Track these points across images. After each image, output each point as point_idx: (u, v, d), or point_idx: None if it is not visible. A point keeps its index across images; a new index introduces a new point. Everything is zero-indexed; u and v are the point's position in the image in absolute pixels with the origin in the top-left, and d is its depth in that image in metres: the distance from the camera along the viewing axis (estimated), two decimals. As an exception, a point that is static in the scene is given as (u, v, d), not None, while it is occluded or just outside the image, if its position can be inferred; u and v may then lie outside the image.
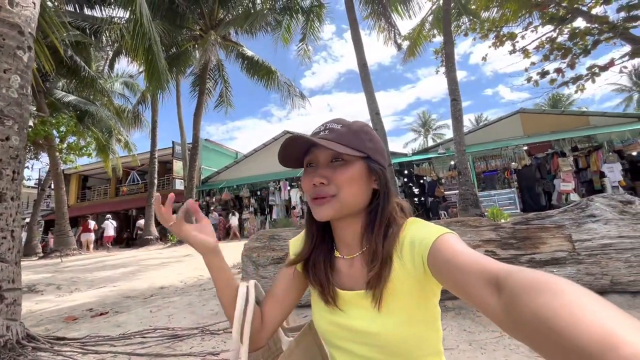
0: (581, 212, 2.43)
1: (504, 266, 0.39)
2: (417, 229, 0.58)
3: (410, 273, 0.55)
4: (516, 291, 0.33)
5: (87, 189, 21.81)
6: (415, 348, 0.56)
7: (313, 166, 0.63)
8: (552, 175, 11.94)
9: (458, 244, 0.49)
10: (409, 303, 0.56)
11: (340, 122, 0.63)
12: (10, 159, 1.68)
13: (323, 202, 0.59)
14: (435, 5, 10.55)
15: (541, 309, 0.29)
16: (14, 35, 1.76)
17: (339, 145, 0.58)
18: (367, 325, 0.58)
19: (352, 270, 0.63)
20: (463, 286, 0.43)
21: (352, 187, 0.59)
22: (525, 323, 0.30)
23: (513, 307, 0.33)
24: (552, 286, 0.30)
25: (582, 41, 7.45)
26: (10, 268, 1.62)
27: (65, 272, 6.50)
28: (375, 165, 0.62)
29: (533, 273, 0.34)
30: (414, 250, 0.54)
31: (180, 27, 10.91)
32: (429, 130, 37.53)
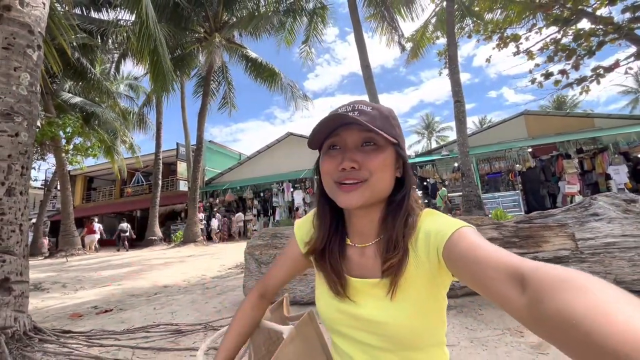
0: (584, 211, 2.43)
1: (528, 261, 0.38)
2: (433, 220, 0.56)
3: (423, 264, 0.54)
4: (540, 288, 0.32)
5: (92, 190, 22.01)
6: (421, 338, 0.57)
7: (338, 148, 0.59)
8: (556, 177, 11.86)
9: (477, 238, 0.48)
10: (420, 294, 0.56)
11: (368, 104, 0.60)
12: (20, 155, 1.72)
13: (354, 187, 0.56)
14: (438, 7, 10.57)
15: (568, 307, 0.28)
16: (24, 34, 1.81)
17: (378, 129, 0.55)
18: (376, 314, 0.57)
19: (363, 259, 0.61)
20: (482, 280, 0.42)
21: (384, 173, 0.57)
22: (551, 320, 0.30)
23: (537, 305, 0.32)
24: (580, 283, 0.30)
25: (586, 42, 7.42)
26: (19, 261, 1.66)
27: (71, 271, 6.56)
28: (403, 154, 0.61)
29: (559, 269, 0.33)
30: (429, 242, 0.53)
31: (185, 30, 11.02)
32: (432, 132, 37.45)
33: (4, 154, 1.65)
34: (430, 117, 38.28)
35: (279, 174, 15.56)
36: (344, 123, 0.58)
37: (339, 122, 0.58)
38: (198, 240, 10.99)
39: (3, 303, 1.52)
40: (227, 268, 5.94)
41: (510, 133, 13.49)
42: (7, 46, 1.74)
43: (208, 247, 10.72)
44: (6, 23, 1.75)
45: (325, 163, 0.60)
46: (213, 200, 16.11)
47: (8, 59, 1.74)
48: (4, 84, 1.71)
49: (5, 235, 1.60)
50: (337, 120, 0.57)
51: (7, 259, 1.59)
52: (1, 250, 1.57)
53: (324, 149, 0.62)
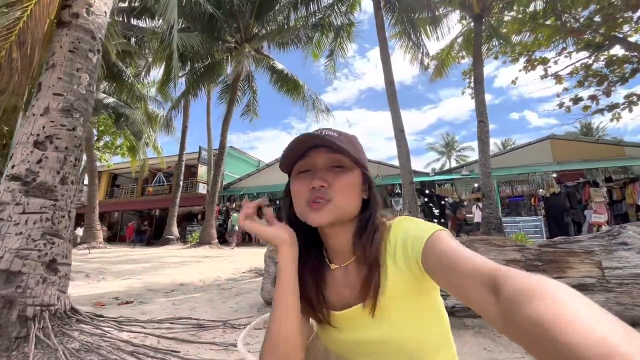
0: (612, 239, 2.37)
1: (500, 269, 0.39)
2: (408, 228, 0.57)
3: (405, 274, 0.55)
4: (513, 296, 0.33)
5: (115, 187, 22.86)
6: (424, 344, 0.57)
7: (307, 172, 0.62)
8: (582, 205, 11.44)
9: (451, 242, 0.49)
10: (410, 303, 0.56)
11: (334, 130, 0.63)
12: (74, 147, 1.88)
13: (322, 206, 0.58)
14: (465, 27, 10.62)
15: (538, 315, 0.29)
16: (87, 39, 2.00)
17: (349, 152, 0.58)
18: (370, 336, 0.58)
19: (349, 279, 0.62)
20: (459, 288, 0.43)
21: (351, 193, 0.60)
22: (522, 329, 0.31)
23: (510, 311, 0.33)
24: (550, 292, 0.31)
25: (619, 69, 7.26)
26: (65, 244, 1.79)
27: (93, 263, 6.82)
28: (369, 175, 0.64)
29: (531, 277, 0.34)
30: (407, 252, 0.54)
31: (217, 39, 11.52)
32: (452, 151, 36.95)
33: (61, 145, 1.81)
34: (451, 136, 37.87)
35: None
36: (314, 146, 0.61)
37: (309, 144, 0.61)
38: (213, 242, 11.19)
39: (50, 282, 1.65)
40: (241, 272, 6.03)
41: (534, 157, 13.17)
42: (72, 49, 1.93)
43: (223, 249, 10.89)
44: (74, 29, 1.95)
45: (296, 184, 0.62)
46: (230, 205, 16.40)
47: (72, 61, 1.92)
48: (67, 83, 1.89)
49: (56, 220, 1.75)
50: (309, 141, 0.60)
51: (56, 241, 1.73)
52: (52, 233, 1.71)
53: (293, 173, 0.64)
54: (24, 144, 1.73)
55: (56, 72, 1.86)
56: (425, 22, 9.81)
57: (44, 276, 1.60)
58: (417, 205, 7.34)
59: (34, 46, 1.85)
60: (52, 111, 1.80)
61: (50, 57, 1.90)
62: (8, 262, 1.50)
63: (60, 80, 1.85)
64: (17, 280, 1.50)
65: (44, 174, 1.71)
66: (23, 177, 1.66)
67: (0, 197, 1.63)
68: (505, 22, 9.90)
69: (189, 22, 10.86)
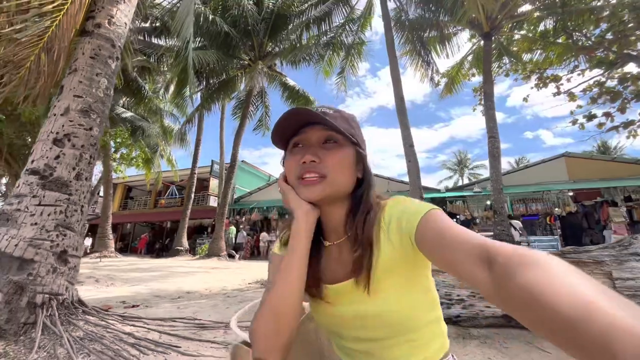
0: (623, 250, 2.30)
1: (492, 242, 0.41)
2: (403, 207, 0.58)
3: (399, 251, 0.56)
4: (505, 267, 0.35)
5: (129, 199, 23.35)
6: (416, 319, 0.58)
7: (301, 147, 0.63)
8: (601, 225, 11.04)
9: (444, 220, 0.50)
10: (401, 280, 0.57)
11: (330, 107, 0.64)
12: (90, 146, 1.99)
13: (315, 182, 0.59)
14: (475, 45, 10.75)
15: (528, 283, 0.31)
16: (108, 47, 2.15)
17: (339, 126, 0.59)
18: (362, 310, 0.59)
19: (342, 256, 0.63)
20: (452, 263, 0.44)
21: (343, 170, 0.60)
22: (513, 297, 0.33)
23: (503, 282, 0.35)
24: (540, 262, 0.33)
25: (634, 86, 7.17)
26: (76, 237, 1.87)
27: (103, 270, 6.94)
28: (363, 153, 0.64)
29: (521, 249, 0.37)
30: (401, 230, 0.55)
31: (232, 57, 11.97)
32: (464, 168, 36.53)
33: (78, 143, 1.92)
34: (463, 154, 37.54)
35: (306, 198, 15.72)
36: (309, 123, 0.62)
37: (304, 120, 0.61)
38: (222, 255, 11.22)
39: (59, 272, 1.71)
40: (248, 283, 6.02)
41: (549, 175, 12.90)
42: (93, 55, 2.08)
43: (231, 262, 10.90)
44: (95, 37, 2.11)
45: (290, 159, 0.63)
46: (239, 218, 16.50)
47: (92, 66, 2.07)
48: (87, 86, 2.02)
49: (69, 213, 1.83)
50: (303, 116, 0.60)
51: (68, 233, 1.80)
52: (64, 226, 1.79)
53: (289, 148, 0.65)
54: (43, 141, 1.85)
55: (77, 76, 2.00)
56: (435, 40, 9.99)
57: (54, 266, 1.67)
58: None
59: (60, 53, 2.00)
60: (72, 111, 1.92)
61: (73, 62, 2.05)
62: (22, 250, 1.58)
63: (81, 84, 1.99)
64: (29, 267, 1.57)
65: (60, 170, 1.81)
66: (41, 172, 1.77)
67: (19, 190, 1.74)
68: (516, 41, 9.98)
69: (205, 40, 11.36)
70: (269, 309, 0.56)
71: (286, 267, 0.59)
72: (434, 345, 0.61)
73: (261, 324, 0.56)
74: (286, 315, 0.56)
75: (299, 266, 0.59)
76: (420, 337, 0.59)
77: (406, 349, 0.59)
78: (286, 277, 0.58)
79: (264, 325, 0.56)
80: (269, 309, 0.56)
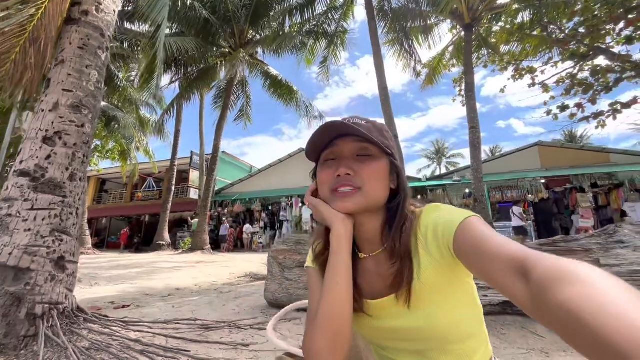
0: (609, 238, 2.45)
1: (531, 253, 0.39)
2: (439, 216, 0.57)
3: (438, 261, 0.55)
4: (543, 280, 0.33)
5: (103, 192, 22.37)
6: (459, 330, 0.58)
7: (334, 160, 0.62)
8: (570, 210, 11.74)
9: (482, 229, 0.48)
10: (444, 291, 0.56)
11: (362, 118, 0.64)
12: (83, 144, 1.86)
13: (350, 194, 0.58)
14: (456, 36, 10.91)
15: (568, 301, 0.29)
16: (96, 36, 1.99)
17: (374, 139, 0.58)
18: (405, 324, 0.58)
19: (380, 269, 0.61)
20: (489, 274, 0.43)
21: (378, 182, 0.59)
22: (552, 313, 0.31)
23: (540, 297, 0.33)
24: (581, 276, 0.30)
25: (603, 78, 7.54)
26: (73, 242, 1.76)
27: (83, 268, 6.63)
28: (397, 164, 0.62)
29: (561, 261, 0.34)
30: (439, 239, 0.54)
31: (212, 45, 11.52)
32: (442, 157, 37.52)
33: (70, 141, 1.79)
34: (441, 143, 38.48)
35: (289, 189, 15.69)
36: (341, 135, 0.61)
37: (337, 132, 0.61)
38: (206, 248, 11.03)
39: (58, 280, 1.61)
40: (237, 277, 5.96)
41: (523, 163, 13.49)
42: (82, 46, 1.92)
43: (215, 255, 10.74)
44: (83, 26, 1.94)
45: (323, 173, 0.62)
46: (221, 210, 16.23)
47: (82, 58, 1.91)
48: (77, 79, 1.87)
49: (65, 217, 1.71)
50: (336, 129, 0.60)
51: (65, 238, 1.69)
52: (60, 230, 1.68)
53: (321, 161, 0.65)
54: (32, 139, 1.70)
55: (65, 68, 1.84)
56: (418, 30, 10.04)
57: (52, 274, 1.57)
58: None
59: (47, 43, 1.83)
60: (61, 107, 1.78)
61: (59, 53, 1.88)
62: (17, 259, 1.47)
63: (70, 77, 1.84)
64: (26, 277, 1.47)
65: (52, 170, 1.68)
66: (32, 173, 1.63)
67: (9, 193, 1.60)
68: (495, 32, 10.22)
69: (183, 26, 10.85)
70: (322, 327, 0.54)
71: (332, 280, 0.57)
72: (479, 353, 0.61)
73: (316, 343, 0.54)
74: (341, 333, 0.54)
75: (347, 278, 0.57)
76: (466, 347, 0.59)
77: (450, 359, 0.59)
78: (334, 291, 0.56)
79: (319, 344, 0.54)
80: (322, 327, 0.54)
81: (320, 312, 0.56)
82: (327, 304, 0.55)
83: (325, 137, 0.62)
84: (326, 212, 0.61)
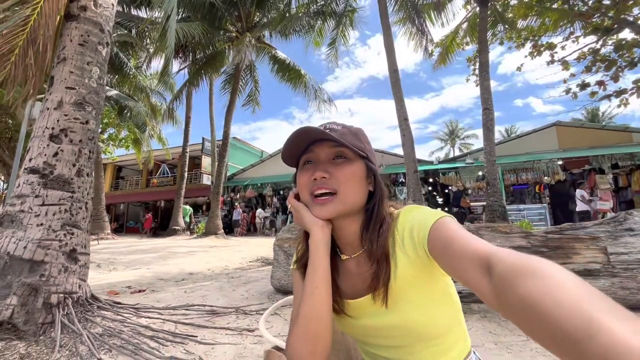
0: (618, 225, 2.40)
1: (495, 250, 0.41)
2: (414, 217, 0.58)
3: (414, 262, 0.56)
4: (505, 275, 0.35)
5: (120, 179, 23.05)
6: (438, 326, 0.59)
7: (312, 163, 0.64)
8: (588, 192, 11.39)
9: (453, 228, 0.50)
10: (420, 289, 0.58)
11: (338, 124, 0.66)
12: (88, 140, 1.92)
13: (327, 200, 0.60)
14: (470, 12, 10.42)
15: (527, 294, 0.30)
16: (96, 32, 2.01)
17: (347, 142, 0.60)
18: (385, 322, 0.60)
19: (360, 269, 0.63)
20: (458, 271, 0.44)
21: (353, 185, 0.60)
22: (513, 306, 0.32)
23: (502, 291, 0.34)
24: (539, 271, 0.32)
25: (628, 53, 7.12)
26: (83, 235, 1.85)
27: (102, 253, 6.95)
28: (373, 167, 0.64)
29: (522, 257, 0.35)
30: (414, 239, 0.56)
31: (218, 29, 11.39)
32: (455, 139, 36.69)
33: (76, 138, 1.85)
34: (455, 124, 37.53)
35: (300, 173, 15.73)
36: (317, 140, 0.63)
37: (312, 138, 0.63)
38: (219, 233, 11.33)
39: (71, 270, 1.71)
40: (248, 261, 6.13)
41: (539, 144, 13.07)
42: (82, 42, 1.95)
43: (228, 240, 11.03)
44: (82, 22, 1.96)
45: (301, 177, 0.64)
46: (234, 196, 16.52)
47: (82, 54, 1.94)
48: (79, 76, 1.91)
49: (74, 211, 1.80)
50: (310, 135, 0.61)
51: (75, 232, 1.78)
52: (71, 224, 1.77)
53: (300, 165, 0.66)
54: (39, 137, 1.77)
55: (67, 66, 1.88)
56: (430, 7, 9.64)
57: (65, 265, 1.66)
58: (421, 194, 7.34)
59: (46, 42, 1.87)
60: (66, 105, 1.83)
61: (60, 50, 1.92)
62: (31, 252, 1.56)
63: (72, 74, 1.88)
64: (41, 269, 1.57)
65: (60, 167, 1.76)
66: (41, 170, 1.71)
67: (20, 190, 1.68)
68: (512, 7, 9.70)
69: (189, 11, 10.74)
70: (302, 329, 0.56)
71: (311, 284, 0.59)
72: (458, 347, 0.63)
73: (296, 345, 0.56)
74: (320, 335, 0.57)
75: (326, 282, 0.59)
76: (444, 342, 0.61)
77: (431, 353, 0.61)
78: (314, 294, 0.58)
79: (300, 346, 0.56)
80: (302, 329, 0.56)
81: (300, 314, 0.58)
82: (307, 307, 0.58)
83: (301, 142, 0.64)
84: (306, 217, 0.63)
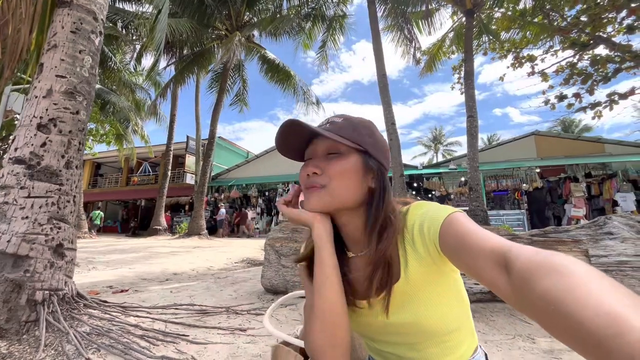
0: (599, 229, 2.51)
1: (513, 246, 0.39)
2: (424, 213, 0.56)
3: (425, 259, 0.55)
4: (524, 272, 0.34)
5: (99, 176, 22.24)
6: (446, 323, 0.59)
7: (310, 159, 0.63)
8: (563, 199, 11.90)
9: (466, 224, 0.49)
10: (431, 287, 0.57)
11: (342, 116, 0.63)
12: (78, 131, 1.84)
13: (312, 191, 0.59)
14: (457, 23, 10.73)
15: (548, 291, 0.29)
16: (89, 20, 1.94)
17: (335, 135, 0.58)
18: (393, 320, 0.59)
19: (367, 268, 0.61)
20: (474, 268, 0.43)
21: (344, 179, 0.58)
22: (534, 305, 0.31)
23: (522, 288, 0.33)
24: (560, 267, 0.31)
25: (602, 68, 7.50)
26: (70, 229, 1.77)
27: (81, 252, 6.66)
28: (373, 162, 0.60)
29: (540, 253, 0.35)
30: (424, 236, 0.54)
31: (207, 27, 11.24)
32: (439, 145, 37.53)
33: (65, 129, 1.77)
34: (438, 130, 38.40)
35: (285, 175, 15.70)
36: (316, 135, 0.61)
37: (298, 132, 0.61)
38: (202, 233, 11.10)
39: (57, 266, 1.63)
40: (234, 262, 6.04)
41: (519, 152, 13.56)
42: (75, 30, 1.87)
43: (212, 240, 10.83)
44: (75, 9, 1.89)
45: (300, 172, 0.63)
46: (218, 196, 16.26)
47: (75, 42, 1.87)
48: (70, 65, 1.84)
49: (62, 205, 1.71)
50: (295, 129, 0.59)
51: (62, 226, 1.70)
52: (58, 218, 1.68)
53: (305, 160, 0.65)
54: (26, 126, 1.68)
55: (58, 53, 1.80)
56: (418, 15, 9.86)
57: (51, 261, 1.58)
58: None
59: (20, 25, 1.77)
60: (55, 93, 1.75)
61: (51, 37, 1.83)
62: (15, 246, 1.48)
63: (63, 62, 1.80)
64: (25, 264, 1.48)
65: (48, 158, 1.67)
66: (27, 161, 1.62)
67: (4, 181, 1.59)
68: (496, 19, 10.07)
69: (177, 7, 10.55)
70: (319, 322, 0.56)
71: (322, 277, 0.58)
72: (467, 342, 0.63)
73: (315, 338, 0.56)
74: (339, 325, 0.56)
75: (335, 273, 0.58)
76: (454, 338, 0.61)
77: (441, 349, 0.61)
78: (325, 285, 0.57)
79: (319, 339, 0.56)
80: (319, 322, 0.56)
81: (316, 306, 0.57)
82: (320, 299, 0.57)
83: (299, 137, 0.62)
84: (302, 215, 0.61)
